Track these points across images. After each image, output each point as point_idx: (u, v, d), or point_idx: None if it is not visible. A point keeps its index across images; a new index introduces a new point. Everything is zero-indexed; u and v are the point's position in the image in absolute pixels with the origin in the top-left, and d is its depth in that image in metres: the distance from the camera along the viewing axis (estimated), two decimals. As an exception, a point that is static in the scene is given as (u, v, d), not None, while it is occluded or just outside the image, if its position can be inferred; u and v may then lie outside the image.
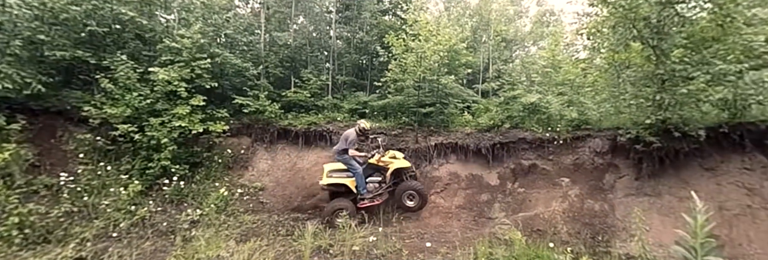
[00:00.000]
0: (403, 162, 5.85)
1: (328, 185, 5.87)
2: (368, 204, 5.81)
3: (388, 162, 5.85)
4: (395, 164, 5.79)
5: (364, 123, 5.96)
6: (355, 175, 5.76)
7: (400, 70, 6.55)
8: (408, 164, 5.91)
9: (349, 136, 5.81)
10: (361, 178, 5.74)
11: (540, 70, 8.35)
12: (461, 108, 7.27)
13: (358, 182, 5.75)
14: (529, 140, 6.22)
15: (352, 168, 5.79)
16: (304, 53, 8.75)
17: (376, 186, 5.95)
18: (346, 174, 5.87)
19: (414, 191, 5.64)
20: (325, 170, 6.01)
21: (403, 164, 5.81)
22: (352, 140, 5.77)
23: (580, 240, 4.61)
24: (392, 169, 5.78)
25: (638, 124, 4.63)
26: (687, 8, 4.37)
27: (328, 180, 5.84)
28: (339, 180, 5.81)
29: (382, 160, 5.84)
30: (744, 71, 3.85)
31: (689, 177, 4.81)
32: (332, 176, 5.91)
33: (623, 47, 4.55)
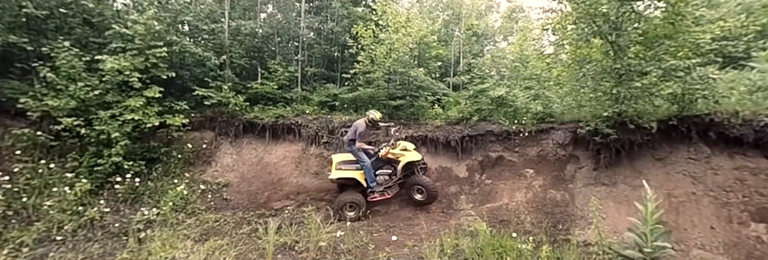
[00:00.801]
0: (413, 155, 5.68)
1: (337, 179, 5.71)
2: (378, 197, 5.67)
3: (399, 155, 5.67)
4: (406, 157, 5.62)
5: (373, 114, 5.72)
6: (363, 168, 5.58)
7: (370, 62, 6.42)
8: (419, 156, 5.72)
9: (358, 127, 5.61)
10: (370, 171, 5.57)
11: (509, 64, 8.52)
12: (432, 101, 7.28)
13: (367, 176, 5.57)
14: (496, 133, 6.34)
15: (360, 161, 5.60)
16: (271, 43, 8.39)
17: (386, 179, 5.80)
18: (355, 166, 5.69)
19: (421, 186, 5.54)
20: (334, 162, 5.80)
21: (413, 158, 5.63)
22: (361, 131, 5.56)
23: (542, 229, 4.77)
24: (403, 162, 5.61)
25: (597, 117, 4.82)
26: (643, 6, 4.53)
27: (337, 174, 5.64)
28: (348, 174, 5.62)
29: (393, 152, 5.66)
30: (692, 67, 4.07)
31: (642, 167, 5.08)
32: (341, 168, 5.71)
33: (585, 42, 4.68)
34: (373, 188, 5.64)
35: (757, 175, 4.24)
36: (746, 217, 4.06)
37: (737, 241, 3.94)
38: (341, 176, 5.63)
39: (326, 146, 7.26)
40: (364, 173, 5.58)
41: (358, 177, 5.61)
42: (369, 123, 5.69)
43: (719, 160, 4.56)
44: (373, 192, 5.67)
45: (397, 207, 6.07)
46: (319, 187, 6.79)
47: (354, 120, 7.25)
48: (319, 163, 7.17)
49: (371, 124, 5.73)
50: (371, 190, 5.67)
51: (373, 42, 6.29)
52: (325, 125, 7.30)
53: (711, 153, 4.63)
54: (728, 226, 4.09)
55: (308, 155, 7.32)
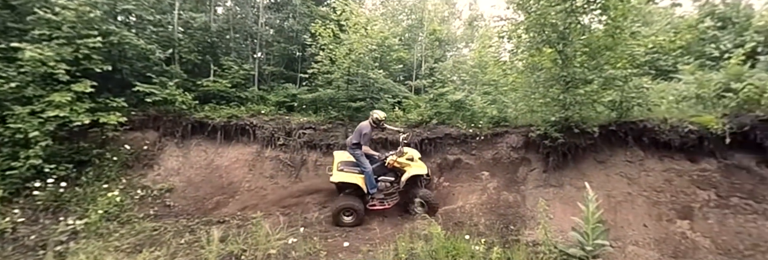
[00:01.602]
0: (419, 168, 5.44)
1: (337, 182, 5.44)
2: (378, 207, 5.40)
3: (405, 165, 5.43)
4: (412, 169, 5.39)
5: (378, 113, 5.47)
6: (364, 173, 5.31)
7: (330, 62, 6.27)
8: (424, 170, 5.49)
9: (362, 129, 5.33)
10: (371, 178, 5.30)
11: (469, 70, 8.78)
12: (392, 104, 7.27)
13: (367, 182, 5.30)
14: (454, 136, 6.45)
15: (362, 166, 5.32)
16: (226, 39, 7.92)
17: (387, 185, 5.53)
18: (358, 169, 5.41)
19: (423, 199, 5.24)
20: (336, 161, 5.51)
21: (419, 172, 5.41)
22: (366, 133, 5.28)
23: (495, 230, 4.88)
24: (408, 175, 5.37)
25: (547, 121, 5.06)
26: (587, 19, 4.85)
27: (338, 177, 5.36)
28: (350, 178, 5.34)
29: (399, 162, 5.41)
30: (628, 77, 4.41)
31: (586, 169, 5.40)
32: (343, 170, 5.42)
33: (536, 51, 4.91)
34: (373, 194, 5.39)
35: (682, 176, 4.67)
36: (673, 215, 4.44)
37: (665, 237, 4.28)
38: (342, 180, 5.36)
39: (283, 148, 6.97)
40: (365, 178, 5.32)
41: (359, 182, 5.34)
42: (374, 124, 5.43)
43: (651, 163, 4.96)
44: (373, 199, 5.42)
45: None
46: (275, 191, 6.48)
47: (313, 121, 7.07)
48: (275, 166, 6.86)
49: (376, 124, 5.45)
50: (371, 196, 5.41)
51: (332, 42, 6.15)
52: (283, 126, 7.01)
53: (644, 156, 5.03)
54: (658, 223, 4.44)
55: (263, 157, 6.97)
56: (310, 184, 6.63)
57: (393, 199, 5.49)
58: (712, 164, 4.56)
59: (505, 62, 5.98)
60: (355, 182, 5.33)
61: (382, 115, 5.48)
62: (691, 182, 4.58)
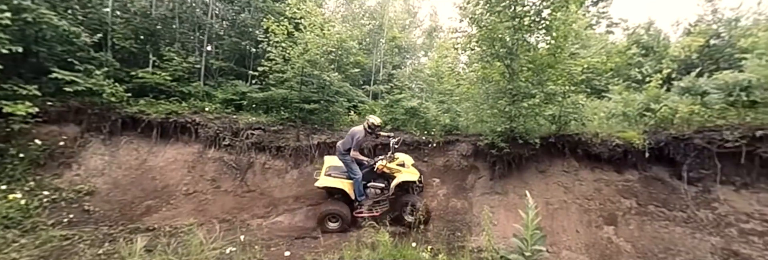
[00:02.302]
0: (410, 174, 5.23)
1: (323, 187, 5.26)
2: (366, 214, 5.16)
3: (395, 171, 5.20)
4: (402, 175, 5.16)
5: (374, 118, 5.25)
6: (353, 179, 5.12)
7: (283, 60, 6.01)
8: (415, 176, 5.27)
9: (356, 134, 5.10)
10: (359, 184, 5.13)
11: (426, 78, 8.98)
12: (347, 107, 7.16)
13: (355, 188, 5.12)
14: (408, 143, 6.49)
15: (351, 172, 5.13)
16: (171, 28, 7.27)
17: (377, 192, 5.33)
18: (346, 174, 5.22)
19: (414, 206, 5.09)
20: (325, 166, 5.38)
21: (409, 178, 5.18)
22: (359, 138, 5.06)
23: (442, 237, 4.96)
24: (398, 181, 5.15)
25: (494, 132, 5.29)
26: (534, 37, 5.18)
27: (324, 181, 5.18)
28: (336, 183, 5.17)
29: (389, 167, 5.18)
30: (566, 94, 4.76)
31: (528, 178, 5.73)
32: (331, 174, 5.26)
33: (486, 63, 5.14)
34: (361, 201, 5.21)
35: (610, 186, 5.12)
36: (601, 221, 4.84)
37: (594, 242, 4.64)
38: (328, 185, 5.18)
39: (229, 149, 6.51)
40: (353, 184, 5.15)
41: (346, 188, 5.16)
42: (368, 129, 5.21)
43: (584, 173, 5.39)
44: (361, 206, 5.24)
45: (302, 217, 5.70)
46: (216, 196, 6.01)
47: (263, 122, 6.70)
48: (218, 168, 6.37)
49: (371, 130, 5.23)
50: (359, 203, 5.23)
51: (286, 40, 5.90)
52: (229, 125, 6.56)
53: (579, 167, 5.45)
54: (588, 229, 4.81)
55: (205, 158, 6.45)
56: (256, 188, 6.26)
57: (382, 206, 5.30)
58: (634, 175, 5.06)
59: (458, 73, 6.18)
60: (341, 188, 5.15)
61: (378, 120, 5.26)
62: (616, 191, 5.04)
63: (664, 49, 9.41)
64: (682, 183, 4.58)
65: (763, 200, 4.15)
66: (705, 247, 3.99)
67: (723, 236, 4.01)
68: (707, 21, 9.80)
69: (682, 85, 5.45)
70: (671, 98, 5.40)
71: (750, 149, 4.22)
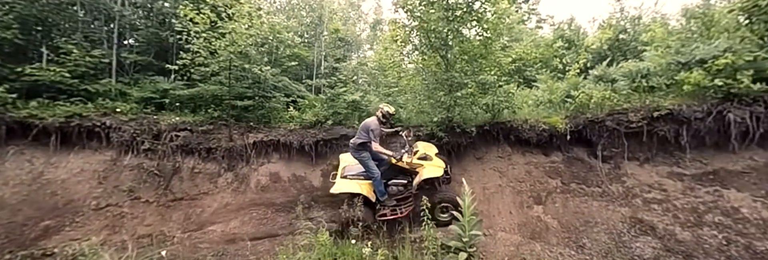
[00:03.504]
0: (434, 169, 4.64)
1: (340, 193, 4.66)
2: (390, 216, 4.68)
3: (416, 166, 4.67)
4: (426, 171, 4.59)
5: (387, 107, 4.73)
6: (372, 179, 4.61)
7: (208, 53, 5.48)
8: (440, 170, 4.67)
9: (368, 125, 4.55)
10: (379, 184, 4.62)
11: (370, 72, 8.87)
12: (285, 103, 6.79)
13: (376, 189, 4.61)
14: (350, 137, 6.33)
15: (370, 171, 4.59)
16: (67, 15, 6.22)
17: (400, 189, 4.79)
18: (364, 174, 4.70)
19: (447, 203, 4.59)
20: (341, 166, 4.90)
21: (433, 173, 4.59)
22: (373, 129, 4.50)
23: (384, 230, 4.92)
24: (421, 178, 4.58)
25: (433, 122, 5.36)
26: (467, 28, 5.31)
27: (341, 186, 4.62)
28: (354, 188, 4.61)
29: (412, 162, 4.66)
30: (495, 83, 4.97)
31: (467, 165, 5.93)
32: (347, 176, 4.74)
33: (424, 55, 5.17)
34: (383, 202, 4.71)
35: (538, 168, 5.49)
36: (531, 201, 5.17)
37: (526, 221, 4.95)
38: (346, 191, 4.63)
39: (149, 154, 5.82)
40: (373, 184, 4.65)
41: (365, 192, 4.62)
42: (383, 119, 4.70)
43: (516, 157, 5.72)
44: (384, 207, 4.74)
45: (239, 222, 5.32)
46: (134, 209, 5.35)
47: (190, 121, 6.09)
48: (137, 177, 5.67)
49: (385, 120, 4.73)
50: (382, 204, 4.73)
51: (208, 29, 5.38)
52: (149, 127, 5.85)
53: (511, 152, 5.76)
54: (520, 210, 5.11)
55: (120, 166, 5.71)
56: (183, 196, 5.70)
57: (407, 205, 4.81)
58: (558, 156, 5.48)
59: (400, 65, 6.16)
60: (360, 193, 4.61)
61: (392, 109, 4.75)
62: (544, 172, 5.41)
63: (583, 43, 10.37)
64: (598, 161, 5.05)
65: (661, 172, 4.73)
66: (617, 217, 4.44)
67: (631, 206, 4.50)
68: (616, 18, 11.00)
69: (595, 73, 6.00)
70: (587, 86, 5.93)
71: (650, 128, 4.77)
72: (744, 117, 4.31)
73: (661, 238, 4.09)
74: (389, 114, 4.70)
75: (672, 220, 4.25)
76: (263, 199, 5.89)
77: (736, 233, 3.90)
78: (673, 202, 4.40)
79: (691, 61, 4.83)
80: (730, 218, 4.05)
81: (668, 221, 4.25)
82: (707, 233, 4.00)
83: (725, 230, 3.97)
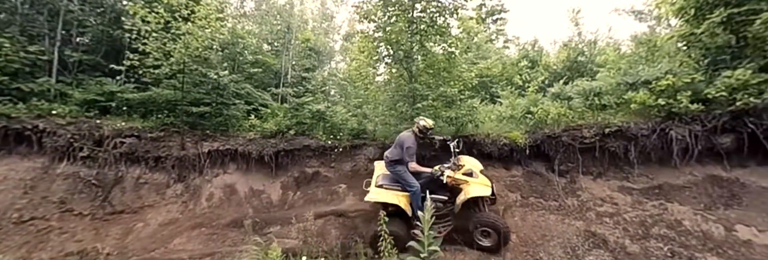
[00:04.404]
0: (481, 187, 4.17)
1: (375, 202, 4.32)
2: None
3: (461, 182, 4.22)
4: (472, 189, 4.13)
5: (424, 120, 4.35)
6: (411, 192, 4.24)
7: (163, 55, 5.17)
8: (488, 189, 4.19)
9: (404, 141, 4.23)
10: (418, 198, 4.21)
11: (338, 82, 8.80)
12: (246, 111, 6.51)
13: (413, 204, 4.25)
14: (313, 148, 6.16)
15: (408, 184, 4.24)
16: (5, 8, 5.69)
17: (439, 205, 4.30)
18: (400, 185, 4.33)
19: (489, 227, 4.12)
20: (376, 174, 4.56)
21: (480, 192, 4.11)
22: (409, 146, 4.17)
23: (344, 245, 4.72)
24: (466, 197, 4.10)
25: (397, 134, 5.29)
26: (431, 42, 5.40)
27: (376, 195, 4.28)
28: (390, 198, 4.24)
29: (456, 178, 4.20)
30: (457, 96, 5.04)
31: (430, 179, 5.89)
32: (383, 185, 4.37)
33: (390, 66, 5.17)
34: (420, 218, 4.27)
35: (499, 182, 5.50)
36: (492, 216, 5.14)
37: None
38: (381, 200, 4.29)
39: (87, 162, 5.31)
40: (411, 198, 4.28)
41: (402, 205, 4.25)
42: (420, 134, 4.37)
43: (479, 171, 5.74)
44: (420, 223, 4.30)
45: (185, 238, 4.89)
46: (64, 222, 4.80)
47: (138, 127, 5.65)
48: (71, 187, 5.14)
49: (422, 135, 4.40)
50: (418, 220, 4.25)
51: (162, 29, 5.10)
52: (89, 132, 5.37)
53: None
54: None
55: (53, 175, 5.15)
56: (125, 208, 5.21)
57: (446, 225, 4.36)
58: (519, 170, 5.57)
59: (367, 77, 6.13)
60: (396, 204, 4.24)
61: (430, 122, 4.38)
62: (505, 186, 5.46)
63: (544, 63, 10.98)
64: (555, 175, 5.18)
65: (612, 186, 4.91)
66: (572, 231, 4.51)
67: (585, 220, 4.60)
68: (575, 41, 11.83)
69: (553, 91, 6.27)
70: (546, 103, 6.17)
71: (602, 144, 4.98)
72: (684, 135, 4.61)
73: (612, 251, 4.18)
74: (427, 129, 4.34)
75: (622, 233, 4.37)
76: (215, 214, 5.50)
77: (679, 245, 4.06)
78: (623, 215, 4.55)
79: (637, 81, 5.17)
80: (674, 230, 4.22)
81: (619, 234, 4.37)
82: (654, 245, 4.14)
83: (670, 242, 4.12)
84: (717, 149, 4.55)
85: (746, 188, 4.34)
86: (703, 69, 5.00)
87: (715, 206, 4.30)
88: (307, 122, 6.35)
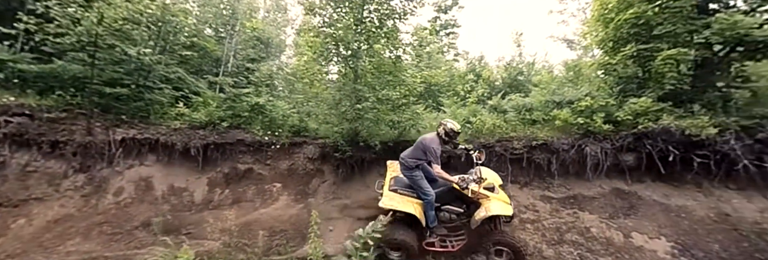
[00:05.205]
0: (502, 205, 3.90)
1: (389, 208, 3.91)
2: (439, 247, 4.01)
3: (481, 196, 3.92)
4: (492, 206, 3.85)
5: (451, 123, 4.02)
6: (424, 201, 3.96)
7: (71, 22, 4.44)
8: (510, 207, 3.95)
9: (427, 144, 3.93)
10: (432, 207, 3.98)
11: (285, 76, 8.41)
12: (176, 97, 5.87)
13: (426, 212, 3.97)
14: (248, 143, 5.75)
15: (423, 192, 3.95)
16: None
17: (453, 217, 4.12)
18: (415, 192, 4.04)
19: (506, 246, 3.88)
20: (388, 176, 4.32)
21: (502, 212, 3.84)
22: (434, 149, 3.88)
23: (273, 248, 4.43)
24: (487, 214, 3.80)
25: (338, 133, 5.17)
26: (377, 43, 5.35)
27: (390, 201, 3.95)
28: (406, 207, 3.92)
29: (476, 192, 3.88)
30: (399, 100, 5.07)
31: (370, 181, 5.79)
32: (397, 190, 4.09)
33: (335, 64, 5.05)
34: (432, 229, 4.04)
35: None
36: (426, 220, 5.21)
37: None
38: (397, 208, 3.91)
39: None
40: (423, 207, 3.99)
41: (418, 214, 3.92)
42: (446, 137, 4.02)
43: (417, 176, 5.82)
44: (432, 235, 4.06)
45: (96, 244, 4.18)
46: None
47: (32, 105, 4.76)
48: None
49: (448, 138, 4.04)
50: (430, 232, 4.05)
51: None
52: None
53: (413, 170, 5.86)
54: (415, 229, 5.10)
55: None
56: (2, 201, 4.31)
57: (459, 238, 4.12)
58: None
59: (313, 73, 5.90)
60: (410, 212, 3.90)
61: (457, 126, 4.04)
62: (441, 191, 5.60)
63: (487, 77, 11.76)
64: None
65: (535, 195, 5.29)
66: (496, 237, 4.73)
67: (509, 225, 4.86)
68: (516, 61, 12.91)
69: (491, 103, 6.66)
70: (484, 114, 6.53)
71: (529, 155, 5.36)
72: (597, 151, 5.16)
73: (530, 255, 4.45)
74: (453, 132, 4.02)
75: (540, 238, 4.70)
76: (123, 212, 4.82)
77: (587, 250, 4.48)
78: (542, 222, 4.91)
79: (563, 101, 5.71)
80: (583, 236, 4.65)
81: (537, 239, 4.69)
82: (566, 250, 4.51)
83: (579, 247, 4.52)
84: (622, 165, 5.17)
85: (642, 200, 4.97)
86: (615, 95, 5.69)
87: (617, 215, 4.84)
88: (245, 115, 5.93)
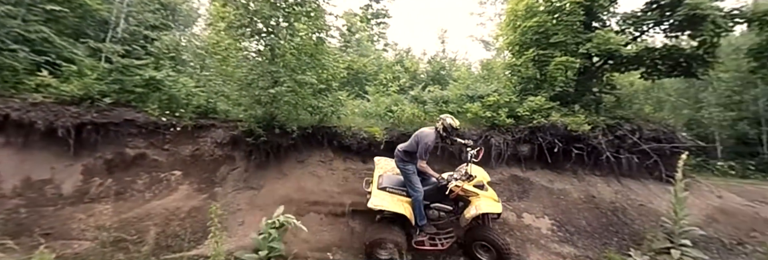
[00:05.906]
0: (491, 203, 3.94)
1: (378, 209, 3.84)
2: (428, 246, 4.04)
3: (470, 194, 3.97)
4: (481, 204, 3.88)
5: (451, 119, 4.04)
6: (412, 198, 3.96)
7: None
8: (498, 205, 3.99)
9: (423, 138, 3.91)
10: (420, 205, 3.98)
11: (194, 51, 7.37)
12: (37, 64, 4.67)
13: (415, 210, 3.96)
14: (140, 124, 4.93)
15: (412, 188, 3.96)
16: None
17: (442, 215, 4.23)
18: (405, 190, 4.02)
19: (489, 243, 3.97)
20: (376, 174, 4.28)
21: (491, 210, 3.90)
22: (428, 144, 3.87)
23: (165, 245, 3.94)
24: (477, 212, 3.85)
25: (252, 117, 4.76)
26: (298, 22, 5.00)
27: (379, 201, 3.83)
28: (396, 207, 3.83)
29: (466, 189, 3.95)
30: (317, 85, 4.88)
31: (287, 169, 5.53)
32: (386, 188, 4.02)
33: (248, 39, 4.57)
34: (422, 227, 4.08)
35: (355, 174, 5.63)
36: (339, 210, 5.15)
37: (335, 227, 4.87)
38: (387, 209, 3.87)
39: None
40: (412, 204, 3.99)
41: (408, 214, 3.90)
42: (443, 133, 4.03)
43: (337, 163, 5.73)
44: (421, 233, 4.10)
45: None
46: None
47: None
48: None
49: (446, 134, 4.04)
50: (420, 230, 4.08)
51: None
52: None
53: (334, 157, 5.75)
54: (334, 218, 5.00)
55: None
56: None
57: (448, 237, 4.17)
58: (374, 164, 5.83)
59: (225, 48, 5.23)
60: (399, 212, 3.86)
61: (456, 122, 4.03)
62: (360, 179, 5.60)
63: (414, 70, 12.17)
64: (403, 171, 5.63)
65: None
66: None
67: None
68: (440, 56, 13.61)
69: (412, 94, 6.89)
70: (406, 104, 6.73)
71: (444, 144, 5.67)
72: (500, 142, 5.75)
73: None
74: (452, 128, 4.00)
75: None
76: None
77: (483, 230, 4.99)
78: (450, 207, 5.31)
79: (475, 95, 6.18)
80: (482, 218, 5.17)
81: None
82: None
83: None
84: (519, 155, 5.87)
85: (532, 185, 5.73)
86: (517, 92, 6.38)
87: (513, 198, 5.50)
88: (138, 90, 5.04)
